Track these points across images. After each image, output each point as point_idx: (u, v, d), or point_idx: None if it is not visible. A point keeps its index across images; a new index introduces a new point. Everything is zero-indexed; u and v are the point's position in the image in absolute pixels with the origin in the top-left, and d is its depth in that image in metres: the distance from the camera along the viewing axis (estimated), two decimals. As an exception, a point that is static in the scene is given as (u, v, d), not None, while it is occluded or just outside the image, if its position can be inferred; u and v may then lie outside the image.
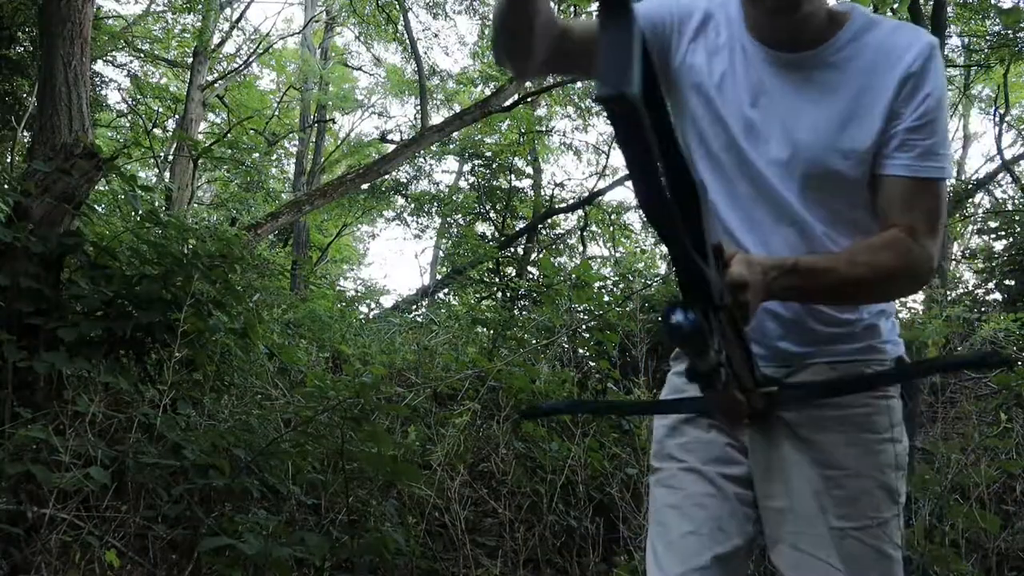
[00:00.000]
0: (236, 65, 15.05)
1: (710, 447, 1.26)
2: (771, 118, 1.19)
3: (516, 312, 7.36)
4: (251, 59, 15.36)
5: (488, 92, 13.02)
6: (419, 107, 12.64)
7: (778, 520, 1.20)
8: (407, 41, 12.79)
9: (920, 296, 7.67)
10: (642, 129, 0.62)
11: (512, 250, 14.59)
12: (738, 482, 1.25)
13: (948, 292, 6.98)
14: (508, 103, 10.10)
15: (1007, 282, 6.86)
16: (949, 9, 9.31)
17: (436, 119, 12.76)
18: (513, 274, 12.59)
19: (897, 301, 1.31)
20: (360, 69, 19.03)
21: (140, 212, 3.43)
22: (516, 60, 1.20)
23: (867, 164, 1.16)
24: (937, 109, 1.15)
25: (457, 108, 15.01)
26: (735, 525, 1.23)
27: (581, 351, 4.66)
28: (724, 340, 0.87)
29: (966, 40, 11.91)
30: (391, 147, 13.14)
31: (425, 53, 15.47)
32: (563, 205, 15.14)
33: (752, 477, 1.25)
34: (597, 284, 5.27)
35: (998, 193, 12.79)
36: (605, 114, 0.67)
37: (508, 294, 10.38)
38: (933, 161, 1.15)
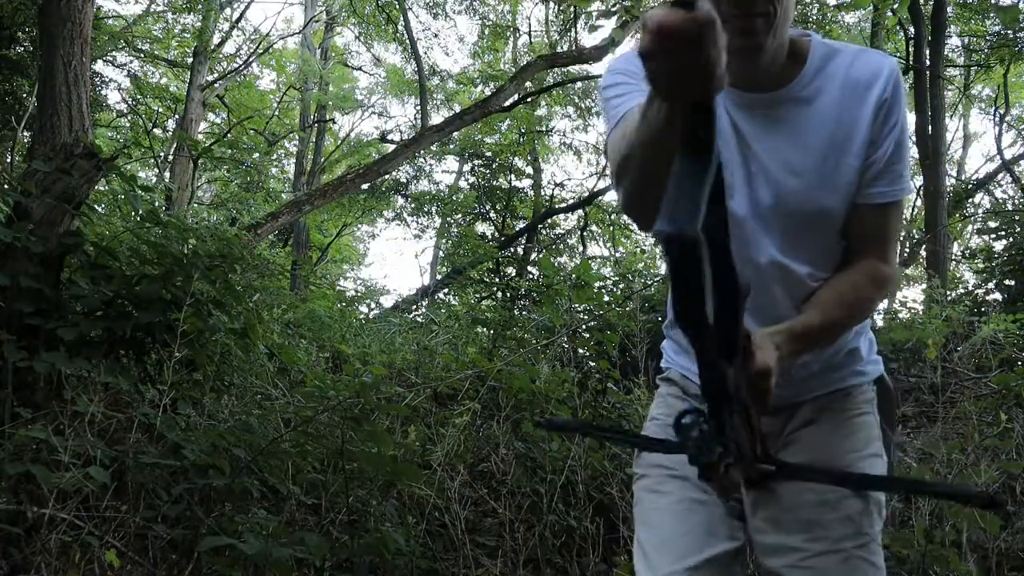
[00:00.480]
0: (236, 65, 15.05)
1: None
2: (748, 165, 1.16)
3: (516, 312, 7.35)
4: (251, 59, 15.36)
5: (488, 92, 13.02)
6: (419, 107, 12.65)
7: (774, 550, 1.19)
8: (407, 41, 12.81)
9: (920, 296, 7.68)
10: (697, 264, 0.62)
11: (512, 250, 14.60)
12: None
13: (948, 292, 6.98)
14: (508, 103, 10.10)
15: (1007, 282, 6.85)
16: (949, 9, 9.31)
17: (436, 119, 12.78)
18: (513, 274, 12.59)
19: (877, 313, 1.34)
20: (360, 69, 19.06)
21: (140, 212, 3.43)
22: (650, 215, 1.14)
23: (851, 195, 1.16)
24: (905, 132, 1.17)
25: (457, 108, 15.01)
26: (725, 530, 1.22)
27: (581, 351, 4.65)
28: (733, 429, 0.84)
29: (966, 40, 11.92)
30: (391, 147, 13.14)
31: (425, 53, 15.50)
32: (563, 205, 15.15)
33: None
34: (597, 284, 5.27)
35: (998, 193, 12.81)
36: (659, 246, 0.69)
37: (508, 294, 10.38)
38: (901, 183, 1.18)
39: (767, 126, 1.15)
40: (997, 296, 6.94)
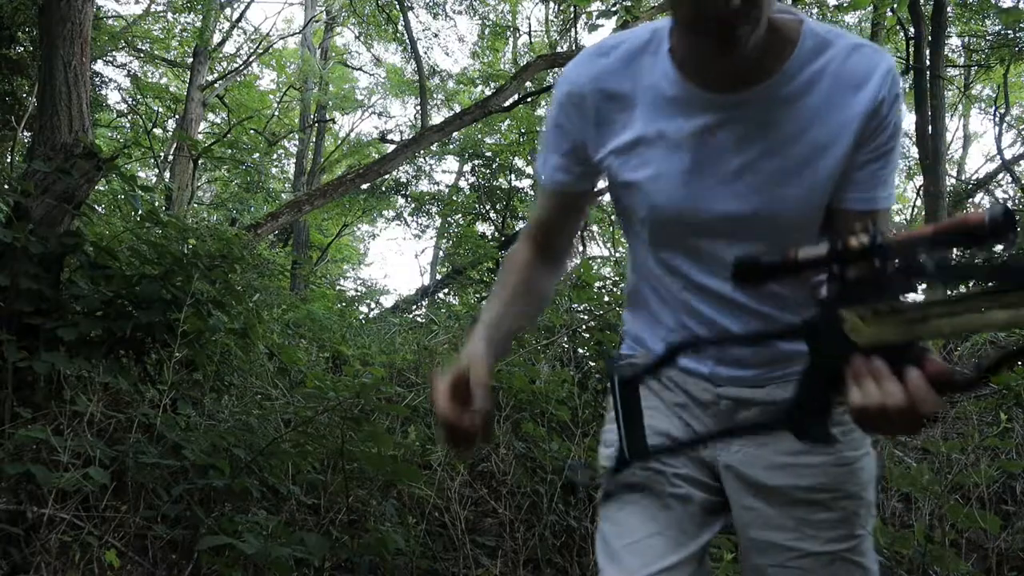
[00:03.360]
0: (236, 65, 15.06)
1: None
2: (724, 171, 1.08)
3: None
4: (251, 59, 15.37)
5: (488, 92, 13.02)
6: (419, 107, 12.65)
7: (760, 549, 1.17)
8: (407, 41, 12.81)
9: (920, 296, 7.66)
10: None
11: (512, 250, 14.57)
12: (697, 484, 1.19)
13: (948, 292, 6.96)
14: (508, 103, 10.10)
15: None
16: (949, 9, 9.31)
17: (436, 119, 12.79)
18: (513, 274, 12.55)
19: None
20: (360, 69, 19.08)
21: (140, 212, 3.43)
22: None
23: (836, 200, 1.09)
24: (898, 136, 1.08)
25: (457, 108, 15.02)
26: (695, 526, 1.17)
27: (581, 351, 4.65)
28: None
29: (966, 40, 11.92)
30: (391, 147, 13.14)
31: (425, 53, 15.50)
32: (563, 205, 15.11)
33: (708, 481, 1.20)
34: (597, 284, 5.27)
35: (998, 193, 12.81)
36: None
37: (508, 294, 10.35)
38: (887, 190, 1.10)
39: (746, 128, 1.05)
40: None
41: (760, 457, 1.17)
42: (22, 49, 7.27)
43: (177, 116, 14.25)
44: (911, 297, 0.84)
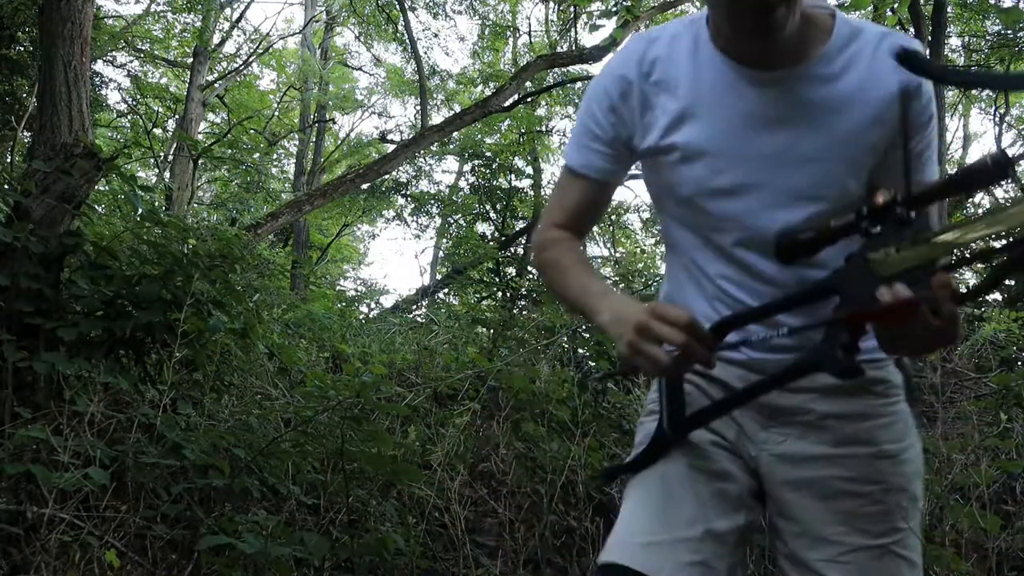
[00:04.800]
0: (236, 65, 15.06)
1: (706, 436, 1.20)
2: (767, 149, 1.11)
3: (516, 312, 7.35)
4: (251, 59, 15.37)
5: (488, 92, 13.02)
6: (419, 107, 12.64)
7: (808, 544, 1.15)
8: (407, 41, 12.79)
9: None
10: None
11: (512, 250, 14.60)
12: (736, 466, 1.18)
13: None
14: (508, 103, 10.09)
15: (1007, 282, 6.85)
16: (949, 9, 9.31)
17: (436, 119, 12.78)
18: (513, 274, 12.59)
19: None
20: (360, 69, 19.07)
21: (140, 212, 3.42)
22: None
23: (870, 175, 1.12)
24: (934, 117, 1.13)
25: (457, 108, 15.01)
26: (728, 506, 1.15)
27: (581, 351, 4.65)
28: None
29: (966, 40, 11.91)
30: (391, 147, 13.14)
31: (425, 53, 15.49)
32: (563, 205, 15.09)
33: (757, 468, 1.19)
34: (597, 284, 5.26)
35: (999, 193, 12.79)
36: None
37: (508, 294, 10.38)
38: (931, 168, 1.14)
39: (787, 106, 1.10)
40: (997, 296, 6.94)
41: (802, 449, 1.17)
42: (22, 49, 7.28)
43: (177, 116, 14.25)
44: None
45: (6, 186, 3.26)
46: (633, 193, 16.51)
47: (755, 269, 1.16)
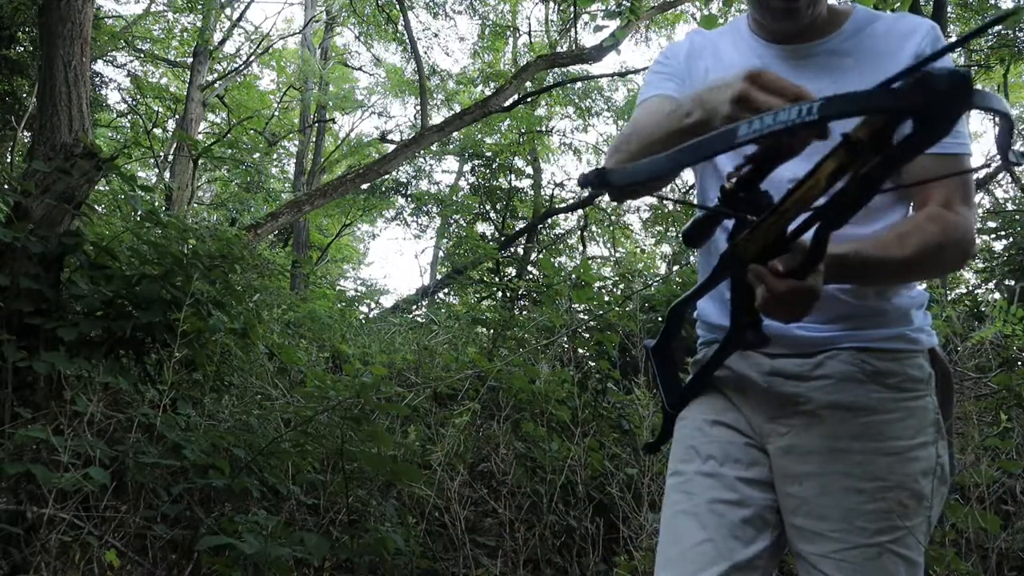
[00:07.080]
0: (236, 65, 15.05)
1: (731, 447, 1.24)
2: None
3: (516, 312, 7.36)
4: (251, 59, 15.35)
5: (488, 92, 13.02)
6: (419, 107, 12.63)
7: (805, 538, 1.17)
8: (407, 41, 12.78)
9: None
10: None
11: (512, 250, 14.60)
12: (757, 486, 1.22)
13: (948, 292, 6.98)
14: (508, 103, 10.10)
15: (1007, 282, 6.86)
16: (949, 9, 9.30)
17: (436, 119, 12.77)
18: (513, 274, 12.59)
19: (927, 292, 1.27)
20: (360, 69, 19.05)
21: (140, 212, 3.43)
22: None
23: None
24: None
25: (457, 108, 15.01)
26: (752, 531, 1.19)
27: (581, 351, 4.65)
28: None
29: (966, 40, 11.87)
30: (391, 147, 13.14)
31: (425, 53, 15.49)
32: (563, 205, 15.15)
33: (772, 482, 1.22)
34: (597, 284, 5.27)
35: (998, 193, 12.80)
36: None
37: (508, 294, 10.38)
38: (955, 137, 1.15)
39: (813, 72, 1.23)
40: (997, 296, 6.94)
41: (805, 443, 1.18)
42: (22, 49, 7.28)
43: (177, 116, 14.25)
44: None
45: (6, 186, 3.26)
46: (633, 193, 16.46)
47: None
